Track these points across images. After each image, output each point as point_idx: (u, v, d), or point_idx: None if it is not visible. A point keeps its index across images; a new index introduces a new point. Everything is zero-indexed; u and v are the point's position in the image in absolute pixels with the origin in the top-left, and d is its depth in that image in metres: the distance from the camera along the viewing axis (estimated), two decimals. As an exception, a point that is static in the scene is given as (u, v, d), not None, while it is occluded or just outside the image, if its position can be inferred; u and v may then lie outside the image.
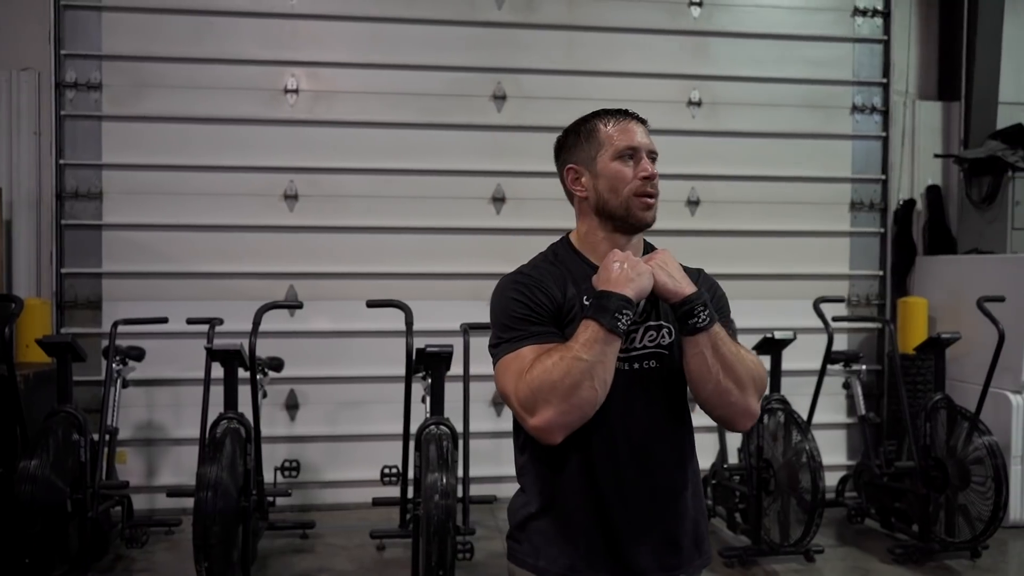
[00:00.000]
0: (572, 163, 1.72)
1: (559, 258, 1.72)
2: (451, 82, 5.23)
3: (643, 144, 1.68)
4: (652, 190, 1.67)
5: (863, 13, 5.63)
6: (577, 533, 1.62)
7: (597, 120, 1.71)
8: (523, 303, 1.61)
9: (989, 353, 4.38)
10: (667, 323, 1.66)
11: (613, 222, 1.68)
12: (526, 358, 1.54)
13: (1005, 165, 5.10)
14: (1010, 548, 4.52)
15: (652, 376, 1.65)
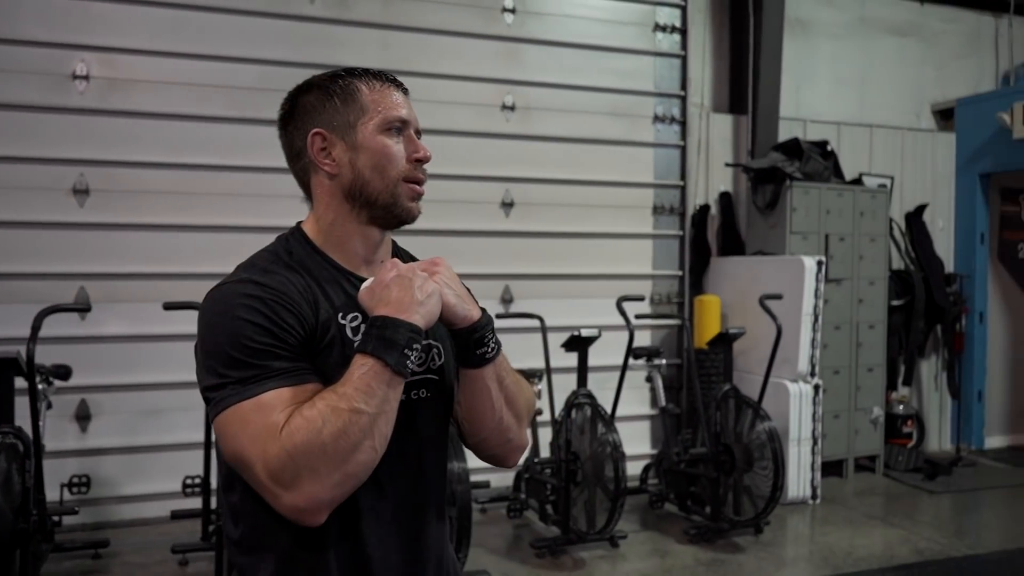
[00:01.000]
0: (320, 127, 1.32)
1: (295, 258, 1.30)
2: (263, 76, 5.03)
3: (413, 118, 1.35)
4: (423, 175, 1.35)
5: (663, 29, 6.01)
6: None
7: (356, 80, 1.34)
8: (262, 327, 1.17)
9: (771, 346, 4.82)
10: (435, 342, 1.36)
11: (371, 211, 1.32)
12: (272, 409, 1.13)
13: (784, 175, 5.60)
14: (788, 523, 4.99)
15: (424, 409, 1.33)
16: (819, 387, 5.33)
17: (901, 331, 6.42)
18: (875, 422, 6.01)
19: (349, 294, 1.29)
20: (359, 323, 1.26)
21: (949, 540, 4.69)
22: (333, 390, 1.14)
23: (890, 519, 5.05)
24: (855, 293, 5.91)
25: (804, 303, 5.27)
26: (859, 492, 5.64)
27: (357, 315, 1.27)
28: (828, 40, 6.67)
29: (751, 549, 4.52)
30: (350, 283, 1.31)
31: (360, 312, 1.26)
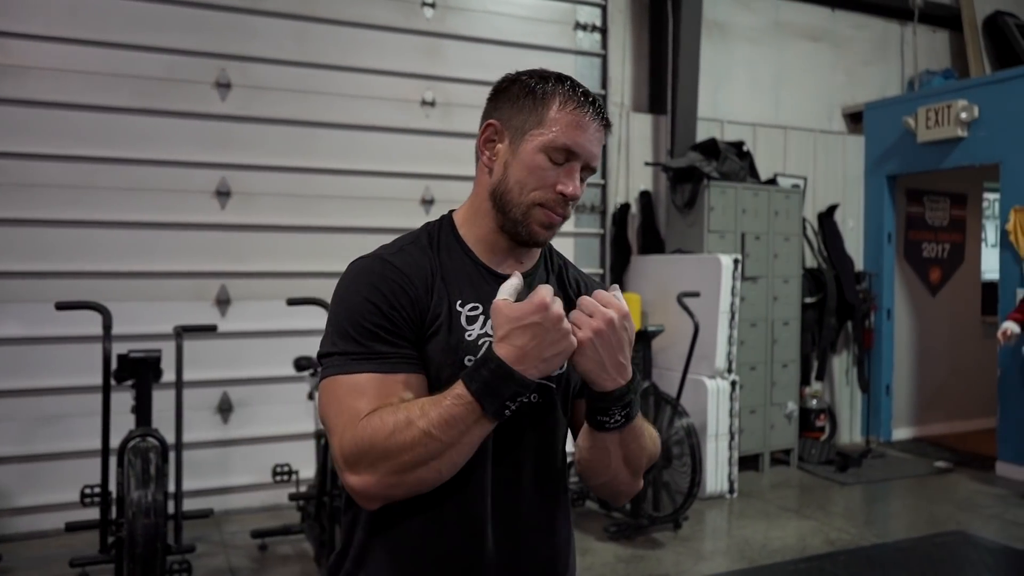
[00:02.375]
0: (497, 118, 1.32)
1: (435, 244, 1.34)
2: (169, 66, 4.83)
3: (587, 152, 1.30)
4: (564, 211, 1.31)
5: (584, 28, 6.03)
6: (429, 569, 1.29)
7: (558, 91, 1.30)
8: (378, 310, 1.23)
9: (689, 343, 4.87)
10: None
11: (503, 219, 1.32)
12: (362, 393, 1.19)
13: (701, 174, 5.68)
14: (706, 517, 5.06)
15: (530, 412, 1.31)
16: (736, 383, 5.42)
17: (814, 328, 6.61)
18: (789, 416, 6.16)
19: (474, 283, 1.32)
20: (478, 313, 1.30)
21: (859, 530, 4.83)
22: (423, 405, 1.17)
23: (803, 511, 5.18)
24: (770, 291, 6.04)
25: (721, 300, 5.36)
26: (774, 485, 5.77)
27: (477, 305, 1.31)
28: (744, 43, 6.81)
29: (670, 544, 4.56)
30: (479, 274, 1.34)
31: (481, 304, 1.30)
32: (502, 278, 1.29)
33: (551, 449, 1.38)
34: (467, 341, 1.28)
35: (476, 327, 1.29)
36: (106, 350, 3.47)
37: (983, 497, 5.53)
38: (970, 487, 5.78)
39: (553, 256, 1.47)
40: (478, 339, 1.29)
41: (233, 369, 4.93)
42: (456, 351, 1.27)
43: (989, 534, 4.79)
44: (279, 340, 4.87)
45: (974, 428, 7.48)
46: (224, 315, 4.95)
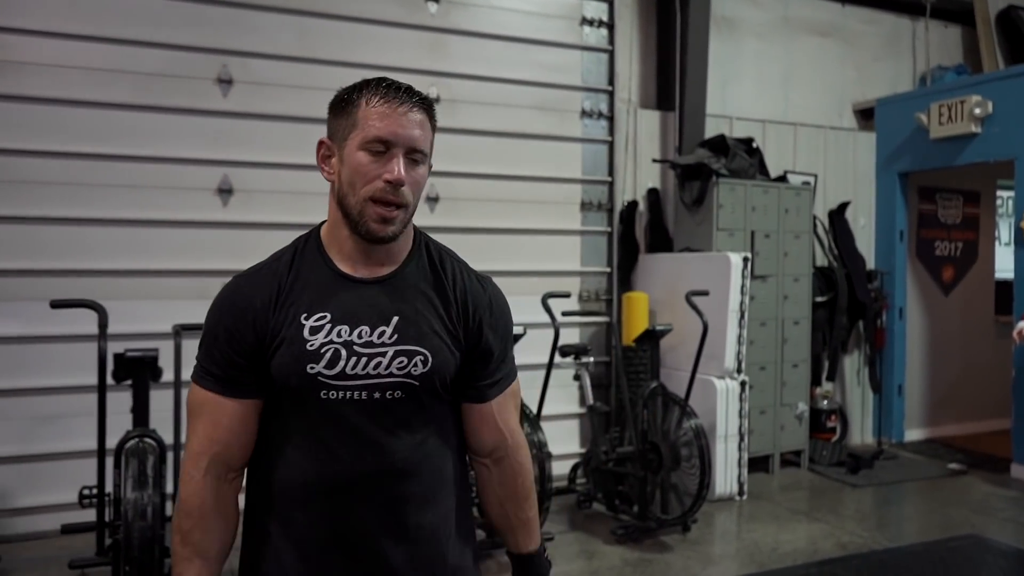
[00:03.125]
0: (327, 136, 1.45)
1: (297, 256, 1.46)
2: (169, 61, 4.77)
3: (403, 137, 1.37)
4: (395, 198, 1.37)
5: (590, 23, 5.94)
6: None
7: (363, 93, 1.39)
8: (217, 338, 1.41)
9: (698, 342, 4.78)
10: (422, 349, 1.42)
11: (348, 221, 1.41)
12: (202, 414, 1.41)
13: (710, 171, 5.59)
14: (716, 520, 4.96)
15: (396, 408, 1.41)
16: (745, 383, 5.33)
17: (825, 327, 6.50)
18: (800, 417, 6.06)
19: (329, 292, 1.41)
20: (324, 322, 1.39)
21: (871, 533, 4.73)
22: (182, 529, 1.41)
23: (814, 514, 5.08)
24: (780, 290, 5.94)
25: (731, 299, 5.27)
26: (785, 487, 5.67)
27: (325, 314, 1.40)
28: (753, 39, 6.71)
29: (678, 548, 4.47)
30: (335, 282, 1.42)
31: (329, 312, 1.39)
32: (359, 282, 1.44)
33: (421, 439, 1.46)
34: (308, 351, 1.38)
35: (320, 336, 1.38)
36: (101, 349, 3.41)
37: (998, 500, 5.42)
38: (984, 489, 5.67)
39: (431, 249, 1.53)
40: (320, 347, 1.38)
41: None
42: (299, 361, 1.37)
43: (1004, 538, 4.68)
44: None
45: (988, 429, 7.35)
46: (226, 314, 4.87)
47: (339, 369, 1.37)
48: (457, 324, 1.47)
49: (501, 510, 1.58)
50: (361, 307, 1.41)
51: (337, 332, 1.38)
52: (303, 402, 1.39)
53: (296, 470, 1.40)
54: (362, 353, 1.38)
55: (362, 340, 1.39)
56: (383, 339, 1.39)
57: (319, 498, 1.39)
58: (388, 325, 1.40)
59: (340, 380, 1.37)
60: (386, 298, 1.43)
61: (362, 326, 1.40)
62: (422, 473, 1.44)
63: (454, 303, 1.48)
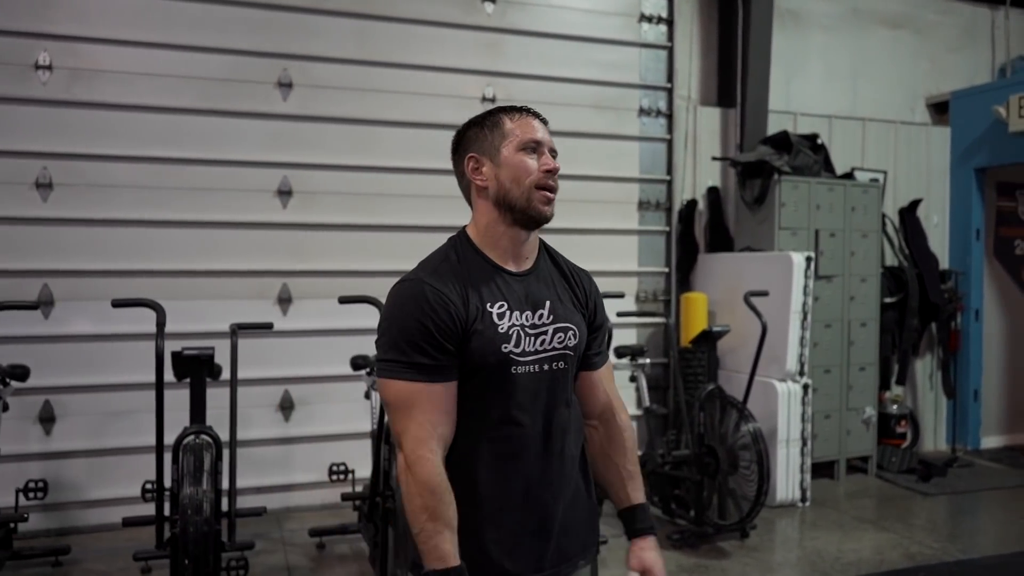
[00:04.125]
0: (473, 152, 1.70)
1: (461, 258, 1.68)
2: (232, 66, 4.89)
3: (546, 140, 1.71)
4: (553, 183, 1.69)
5: (649, 20, 5.85)
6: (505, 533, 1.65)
7: (502, 114, 1.72)
8: (425, 329, 1.57)
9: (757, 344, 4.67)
10: (572, 325, 1.72)
11: (513, 214, 1.67)
12: (413, 403, 1.56)
13: (772, 169, 5.45)
14: (776, 526, 4.83)
15: (559, 376, 1.70)
16: (808, 386, 5.17)
17: (894, 329, 6.27)
18: (867, 422, 5.86)
19: (498, 285, 1.66)
20: (505, 309, 1.64)
21: (942, 544, 4.54)
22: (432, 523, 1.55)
23: (881, 522, 4.90)
24: (846, 290, 5.75)
25: (792, 300, 5.12)
26: (850, 494, 5.49)
27: (503, 303, 1.65)
28: (820, 32, 6.51)
29: (736, 554, 4.37)
30: (500, 277, 1.68)
31: (505, 301, 1.65)
32: (515, 275, 1.70)
33: (575, 401, 1.78)
34: (500, 334, 1.62)
35: (506, 321, 1.64)
36: (159, 347, 3.50)
37: (1082, 512, 5.14)
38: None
39: (549, 249, 1.83)
40: (508, 330, 1.64)
41: (294, 367, 4.96)
42: (494, 342, 1.61)
43: (1088, 553, 4.43)
44: (338, 338, 4.87)
45: (1072, 437, 6.99)
46: (285, 313, 4.98)
47: (522, 348, 1.64)
48: (583, 304, 1.78)
49: (611, 464, 1.83)
50: (522, 295, 1.69)
51: (514, 316, 1.65)
52: (496, 377, 1.62)
53: (485, 435, 1.63)
54: (532, 333, 1.66)
55: (530, 322, 1.66)
56: (543, 320, 1.68)
57: (507, 459, 1.64)
58: (544, 308, 1.69)
59: (523, 356, 1.64)
60: (536, 286, 1.71)
61: (527, 310, 1.67)
62: (573, 432, 1.75)
63: (578, 287, 1.79)
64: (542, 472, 1.67)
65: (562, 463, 1.71)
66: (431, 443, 1.56)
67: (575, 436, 1.76)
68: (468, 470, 1.62)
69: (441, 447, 1.58)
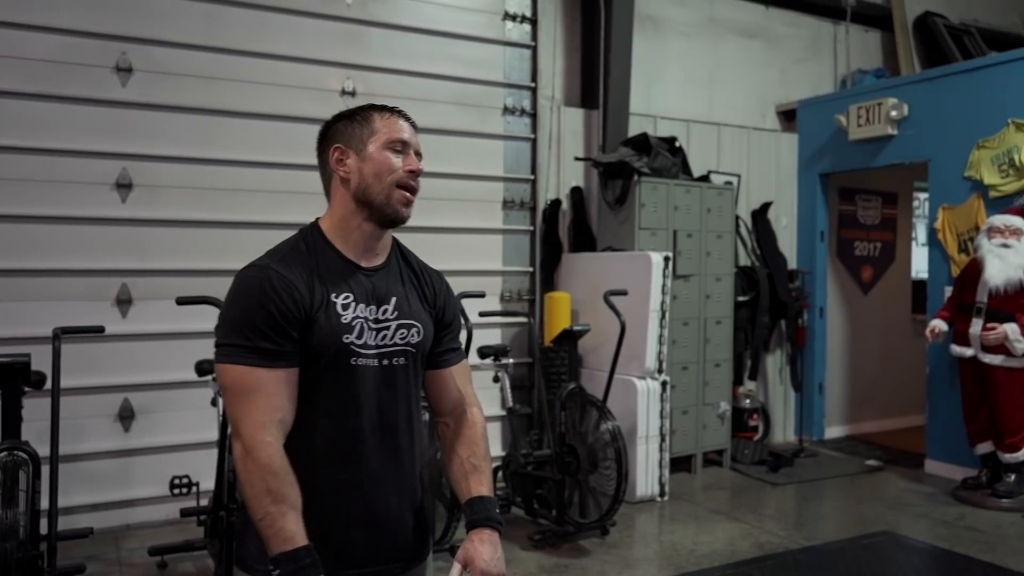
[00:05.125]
0: (339, 143, 1.71)
1: (310, 248, 1.69)
2: (63, 47, 4.49)
3: (413, 141, 1.74)
4: (415, 184, 1.72)
5: (513, 18, 5.83)
6: (331, 528, 1.63)
7: (373, 111, 1.74)
8: (268, 313, 1.57)
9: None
10: (417, 322, 1.74)
11: (370, 210, 1.69)
12: (253, 387, 1.55)
13: (632, 170, 5.54)
14: (636, 522, 4.91)
15: (398, 372, 1.71)
16: (667, 383, 5.29)
17: (747, 326, 6.53)
18: (722, 417, 6.07)
19: (345, 277, 1.68)
20: (350, 300, 1.66)
21: (788, 532, 4.74)
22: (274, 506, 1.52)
23: (734, 513, 5.08)
24: (703, 289, 5.94)
25: (652, 299, 5.23)
26: (706, 487, 5.67)
27: (349, 295, 1.67)
28: (678, 38, 6.71)
29: (596, 552, 4.40)
30: (348, 269, 1.69)
31: (351, 292, 1.67)
32: (364, 270, 1.72)
33: (415, 399, 1.77)
34: (343, 324, 1.64)
35: (349, 312, 1.66)
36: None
37: (912, 495, 5.50)
38: (900, 485, 5.76)
39: (402, 248, 1.85)
40: (351, 321, 1.65)
41: (134, 374, 4.63)
42: (336, 332, 1.63)
43: (917, 533, 4.74)
44: (183, 342, 4.58)
45: (905, 426, 7.51)
46: (125, 316, 4.64)
47: (364, 340, 1.66)
48: (431, 303, 1.81)
49: (457, 457, 1.82)
50: (368, 289, 1.70)
51: (358, 309, 1.67)
52: (335, 368, 1.63)
53: (321, 425, 1.63)
54: (375, 327, 1.68)
55: (374, 316, 1.68)
56: (387, 315, 1.70)
57: (343, 449, 1.64)
58: (389, 304, 1.71)
59: (365, 349, 1.65)
60: (384, 283, 1.73)
61: (372, 305, 1.69)
62: (412, 429, 1.75)
63: (427, 286, 1.82)
64: (377, 466, 1.68)
65: (398, 460, 1.71)
66: (271, 428, 1.55)
67: (415, 435, 1.76)
68: (302, 459, 1.60)
69: (281, 432, 1.57)
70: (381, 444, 1.69)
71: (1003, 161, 5.60)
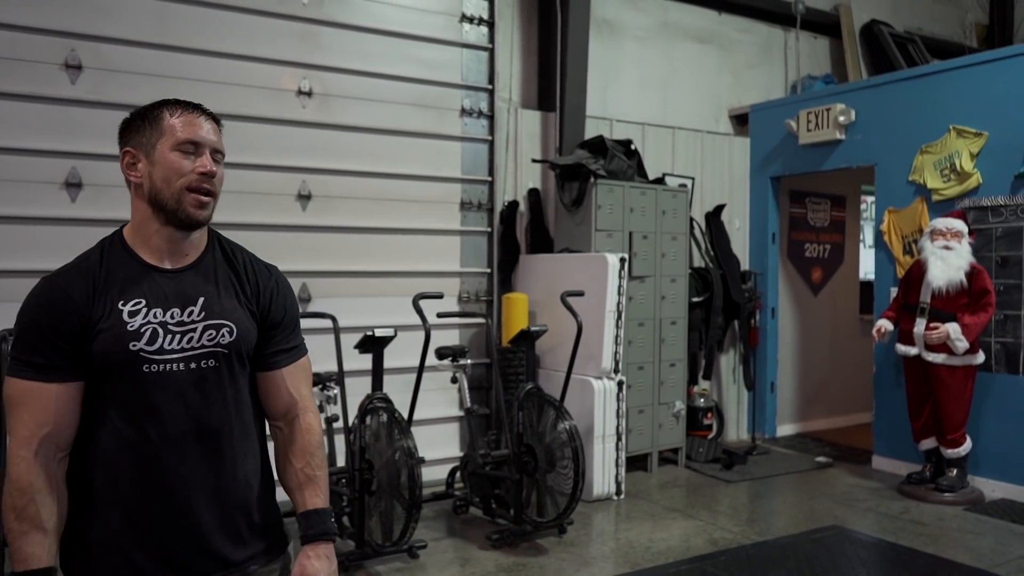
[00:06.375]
0: (130, 146, 1.66)
1: (104, 256, 1.65)
2: (8, 43, 4.39)
3: (207, 140, 1.66)
4: (208, 186, 1.65)
5: (470, 20, 5.85)
6: (141, 538, 1.60)
7: (164, 108, 1.67)
8: (39, 329, 1.56)
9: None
10: (228, 322, 1.68)
11: (165, 214, 1.64)
12: (25, 403, 1.54)
13: (589, 172, 5.60)
14: (593, 520, 4.97)
15: (209, 375, 1.65)
16: (623, 383, 5.36)
17: (701, 327, 6.64)
18: (677, 416, 6.16)
19: (140, 282, 1.63)
20: (140, 306, 1.60)
21: (741, 528, 4.84)
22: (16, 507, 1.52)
23: (689, 511, 5.16)
24: (658, 290, 6.03)
25: (608, 300, 5.28)
26: (662, 485, 5.75)
27: (140, 300, 1.62)
28: (633, 42, 6.79)
29: (554, 550, 4.44)
30: (145, 273, 1.64)
31: (144, 298, 1.61)
32: (166, 272, 1.67)
33: (236, 401, 1.70)
34: (129, 331, 1.59)
35: (138, 318, 1.61)
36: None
37: (860, 491, 5.65)
38: (848, 481, 5.91)
39: (223, 243, 1.80)
40: (140, 327, 1.60)
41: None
42: (121, 340, 1.58)
43: (864, 527, 4.87)
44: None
45: (854, 423, 7.71)
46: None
47: (158, 345, 1.60)
48: (252, 300, 1.75)
49: (290, 467, 1.78)
50: (170, 292, 1.65)
51: (153, 314, 1.61)
52: (126, 376, 1.58)
53: (121, 437, 1.58)
54: (176, 331, 1.62)
55: (174, 320, 1.63)
56: (192, 317, 1.64)
57: (143, 461, 1.58)
58: (195, 305, 1.65)
59: (160, 355, 1.60)
60: (191, 283, 1.67)
61: (173, 308, 1.63)
62: (233, 434, 1.68)
63: (248, 283, 1.76)
64: (190, 474, 1.62)
65: (218, 465, 1.65)
66: (32, 443, 1.53)
67: (240, 438, 1.70)
68: (102, 470, 1.59)
69: (45, 448, 1.54)
70: (194, 450, 1.62)
71: (945, 166, 5.79)
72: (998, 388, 5.49)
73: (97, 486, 1.59)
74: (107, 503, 1.58)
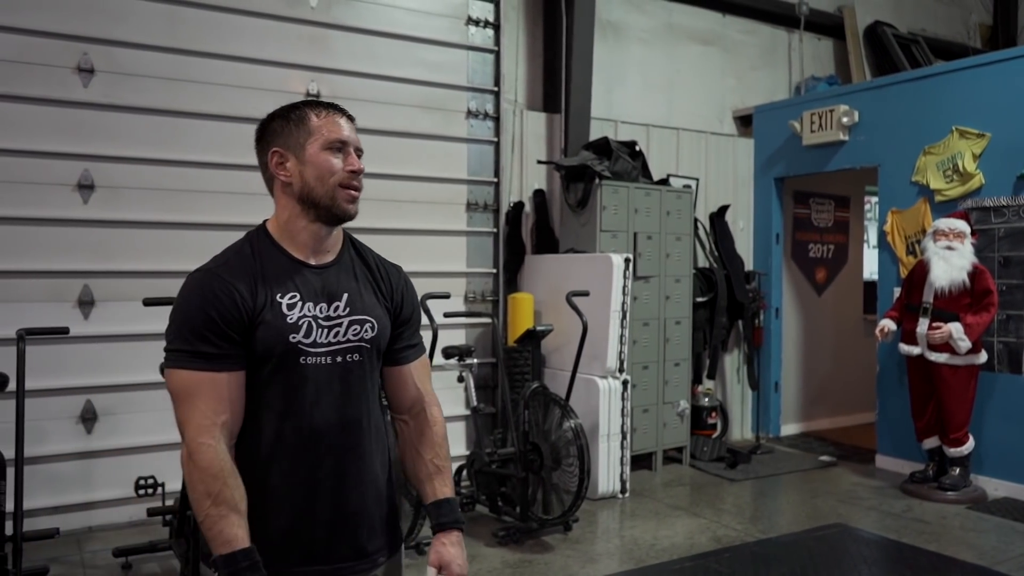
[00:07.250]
0: (278, 147, 1.70)
1: (255, 250, 1.69)
2: (23, 47, 4.46)
3: (352, 139, 1.72)
4: (358, 183, 1.72)
5: (476, 23, 5.91)
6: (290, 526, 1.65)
7: (308, 109, 1.72)
8: (210, 318, 1.59)
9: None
10: (371, 318, 1.73)
11: (316, 211, 1.69)
12: (198, 392, 1.57)
13: (594, 173, 5.65)
14: (598, 518, 5.02)
15: (353, 368, 1.71)
16: (627, 382, 5.41)
17: (705, 327, 6.69)
18: (682, 415, 6.21)
19: (292, 278, 1.68)
20: (296, 300, 1.66)
21: (745, 526, 4.88)
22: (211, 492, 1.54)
23: (693, 509, 5.21)
24: (662, 290, 6.07)
25: (612, 300, 5.33)
26: (666, 484, 5.79)
27: (296, 294, 1.67)
28: (638, 45, 6.84)
29: (559, 548, 4.49)
30: (295, 268, 1.70)
31: (298, 292, 1.68)
32: (313, 268, 1.72)
33: (372, 395, 1.77)
34: (289, 324, 1.65)
35: (296, 311, 1.66)
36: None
37: (863, 489, 5.69)
38: (851, 480, 5.95)
39: (355, 242, 1.86)
40: (298, 320, 1.66)
41: (97, 375, 4.61)
42: (281, 331, 1.64)
43: (867, 525, 4.91)
44: (146, 343, 4.56)
45: (857, 422, 7.75)
46: (87, 317, 4.61)
47: (312, 338, 1.66)
48: (387, 298, 1.80)
49: (419, 459, 1.83)
50: (318, 287, 1.70)
51: (307, 308, 1.67)
52: (284, 367, 1.63)
53: (276, 427, 1.64)
54: (324, 325, 1.68)
55: (323, 314, 1.68)
56: (338, 312, 1.70)
57: (296, 451, 1.64)
58: (340, 300, 1.71)
59: (314, 347, 1.66)
60: (334, 279, 1.73)
61: (322, 302, 1.69)
62: (370, 426, 1.74)
63: (382, 281, 1.81)
64: (335, 464, 1.68)
65: (358, 457, 1.71)
66: (213, 431, 1.56)
67: (374, 432, 1.76)
68: (258, 459, 1.64)
69: (224, 435, 1.58)
70: (341, 441, 1.69)
71: (948, 167, 5.83)
72: (1000, 387, 5.53)
73: (258, 471, 1.63)
74: (257, 490, 1.61)
